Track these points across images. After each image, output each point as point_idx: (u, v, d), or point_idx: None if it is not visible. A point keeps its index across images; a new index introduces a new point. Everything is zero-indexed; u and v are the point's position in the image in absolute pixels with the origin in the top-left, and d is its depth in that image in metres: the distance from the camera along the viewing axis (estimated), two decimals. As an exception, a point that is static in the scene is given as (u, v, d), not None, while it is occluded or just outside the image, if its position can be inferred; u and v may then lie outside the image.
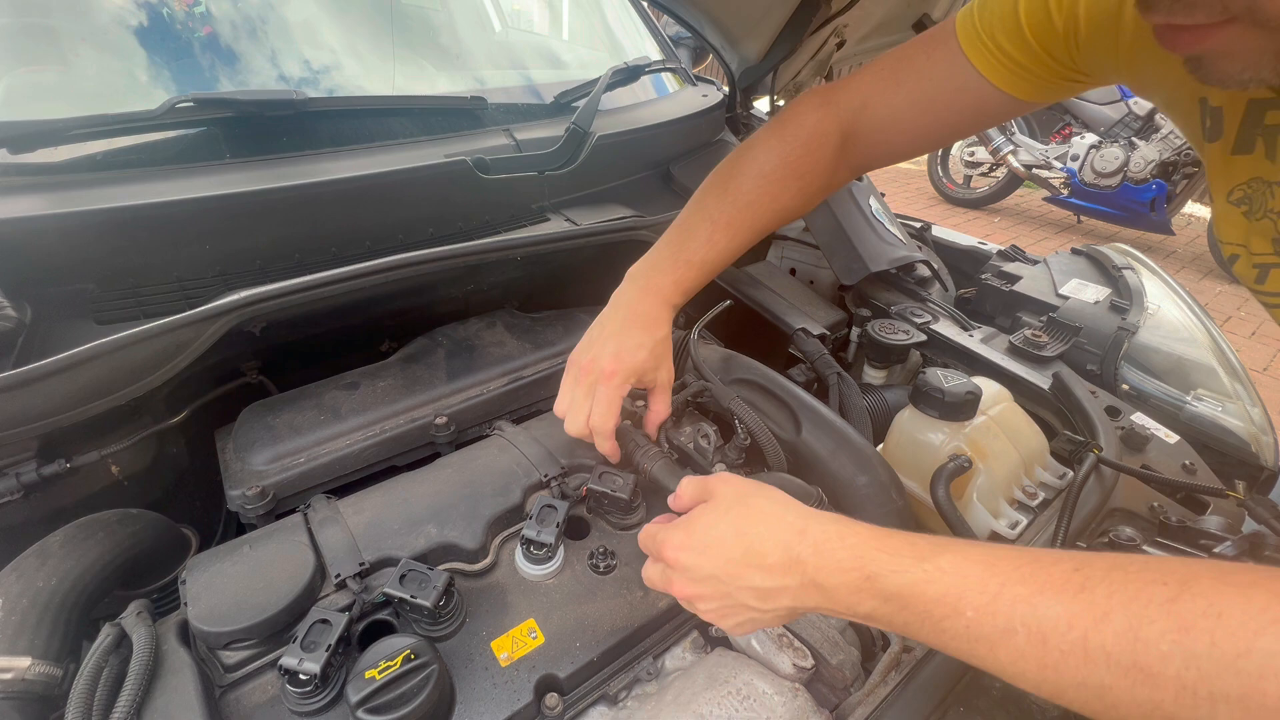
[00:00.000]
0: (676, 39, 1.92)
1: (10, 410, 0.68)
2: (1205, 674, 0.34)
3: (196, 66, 1.12)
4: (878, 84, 0.79)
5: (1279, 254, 0.61)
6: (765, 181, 0.82)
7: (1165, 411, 1.07)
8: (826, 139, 0.81)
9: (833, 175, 0.85)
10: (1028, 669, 0.40)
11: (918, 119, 0.78)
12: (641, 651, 0.67)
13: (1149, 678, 0.35)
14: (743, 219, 0.82)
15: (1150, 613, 0.36)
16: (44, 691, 0.55)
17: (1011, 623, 0.40)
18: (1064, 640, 0.38)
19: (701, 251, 0.82)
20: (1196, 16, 0.41)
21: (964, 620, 0.42)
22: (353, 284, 0.85)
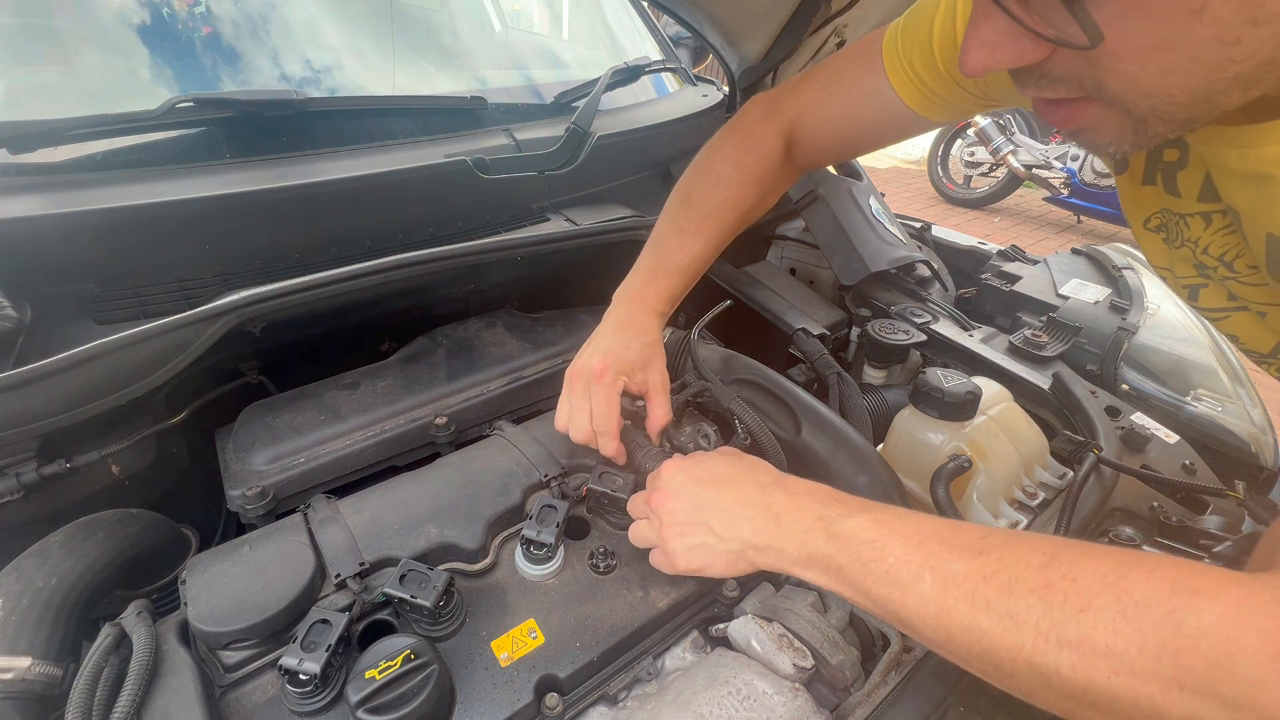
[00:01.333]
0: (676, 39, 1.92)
1: (10, 410, 0.68)
2: (1055, 623, 0.41)
3: (197, 66, 1.12)
4: (811, 95, 0.87)
5: (1202, 276, 0.65)
6: (725, 188, 0.88)
7: (1165, 411, 1.07)
8: (774, 145, 0.89)
9: (782, 176, 0.93)
10: (927, 614, 0.47)
11: (845, 131, 0.86)
12: (641, 651, 0.67)
13: (1016, 624, 0.42)
14: (709, 225, 0.87)
15: (1025, 574, 0.44)
16: (44, 691, 0.55)
17: (922, 571, 0.48)
18: (959, 590, 0.46)
19: (676, 258, 0.87)
20: (1059, 92, 0.46)
21: (886, 564, 0.49)
22: (353, 284, 0.85)
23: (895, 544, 0.50)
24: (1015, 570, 0.44)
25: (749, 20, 1.37)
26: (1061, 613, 0.41)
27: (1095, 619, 0.39)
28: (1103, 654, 0.39)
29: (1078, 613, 0.40)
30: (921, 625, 0.48)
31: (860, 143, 0.89)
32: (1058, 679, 0.41)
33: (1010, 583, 0.44)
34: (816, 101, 0.86)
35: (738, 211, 0.88)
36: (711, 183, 0.89)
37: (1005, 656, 0.43)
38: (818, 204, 1.29)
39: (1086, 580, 0.41)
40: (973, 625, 0.44)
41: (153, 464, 0.88)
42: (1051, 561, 0.43)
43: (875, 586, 0.50)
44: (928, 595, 0.47)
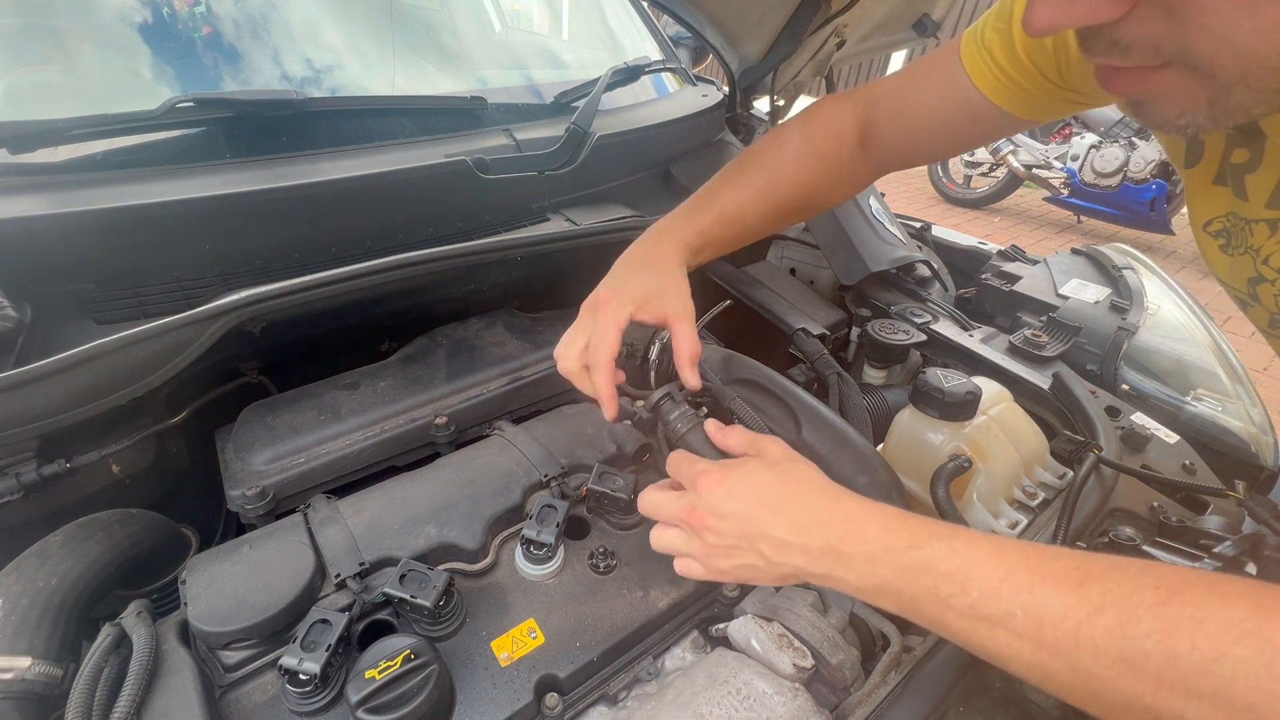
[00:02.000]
0: (676, 39, 1.92)
1: (10, 410, 0.68)
2: (1183, 673, 0.36)
3: (197, 66, 1.12)
4: (890, 85, 0.82)
5: (1252, 293, 0.62)
6: (785, 153, 0.84)
7: (1165, 411, 1.07)
8: (845, 126, 0.84)
9: (852, 163, 0.86)
10: (1023, 652, 0.42)
11: (924, 125, 0.80)
12: (641, 651, 0.67)
13: (1132, 671, 0.38)
14: (759, 179, 0.83)
15: (1140, 613, 0.38)
16: (44, 691, 0.55)
17: (1013, 607, 0.42)
18: (1058, 629, 0.40)
19: (722, 204, 0.82)
20: (1132, 59, 0.41)
21: (969, 599, 0.44)
22: (353, 284, 0.85)
23: (978, 575, 0.45)
24: (1126, 608, 0.39)
25: (749, 20, 1.37)
26: (1189, 661, 0.36)
27: (1233, 670, 0.35)
28: (1242, 710, 0.35)
29: (1210, 662, 0.36)
30: (1015, 664, 0.43)
31: (940, 140, 0.82)
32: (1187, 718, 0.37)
33: (1122, 624, 0.39)
34: (894, 91, 0.82)
35: (796, 181, 0.84)
36: (772, 146, 0.85)
37: (1119, 702, 0.39)
38: (818, 204, 1.29)
39: (1217, 624, 0.36)
40: (1078, 668, 0.40)
41: (153, 464, 0.88)
42: (1170, 599, 0.38)
43: (957, 622, 0.45)
44: (1022, 632, 0.42)
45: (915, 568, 0.48)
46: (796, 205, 0.87)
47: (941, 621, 0.47)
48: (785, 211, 0.86)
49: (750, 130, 1.62)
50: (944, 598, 0.46)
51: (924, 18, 1.45)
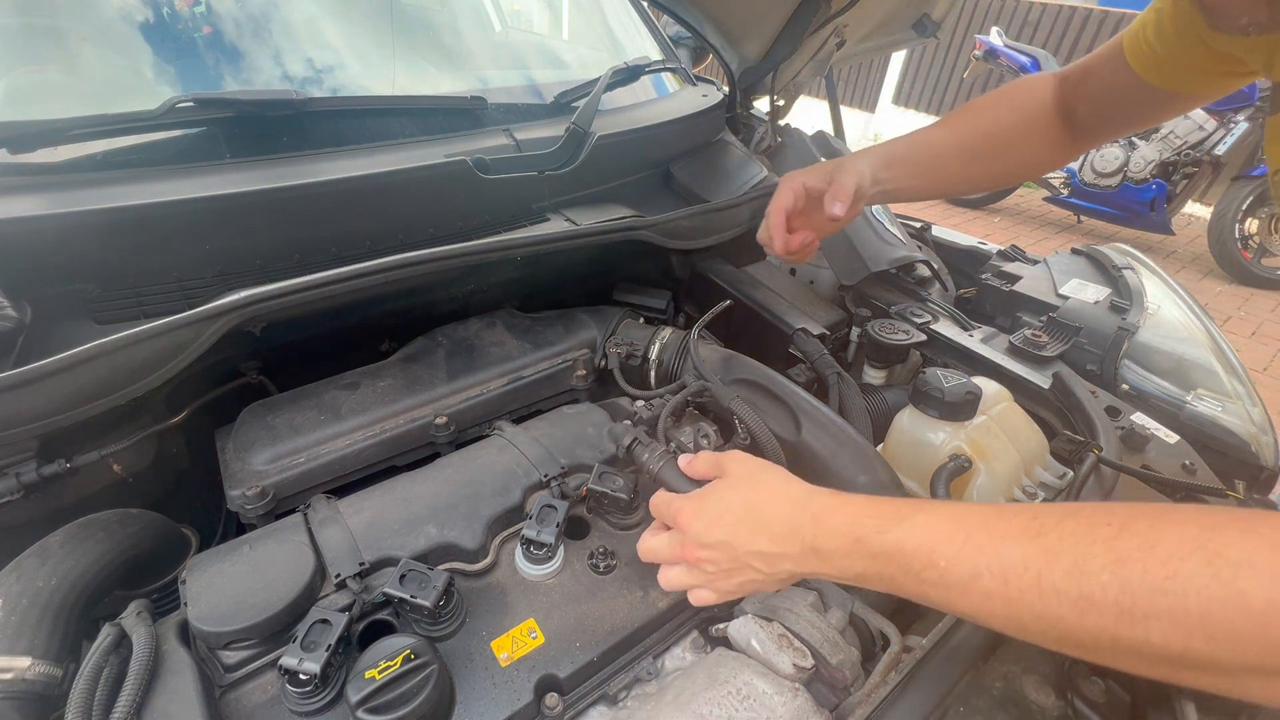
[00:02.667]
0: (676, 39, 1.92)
1: (10, 410, 0.68)
2: (1138, 597, 0.38)
3: (197, 66, 1.12)
4: (1097, 57, 0.86)
5: None
6: (982, 109, 0.90)
7: (1165, 411, 1.07)
8: (1043, 88, 0.89)
9: (1051, 126, 0.90)
10: (994, 608, 0.45)
11: (1111, 106, 0.85)
12: (641, 651, 0.67)
13: (1093, 606, 0.40)
14: (964, 129, 0.90)
15: (1094, 550, 0.41)
16: (44, 691, 0.55)
17: (978, 567, 0.45)
18: (1021, 580, 0.43)
19: (920, 136, 0.91)
20: None
21: (938, 570, 0.47)
22: (353, 284, 0.85)
23: (941, 546, 0.48)
24: (1081, 548, 0.41)
25: (749, 20, 1.37)
26: (1142, 586, 0.38)
27: (1184, 585, 0.37)
28: (1198, 620, 0.37)
29: (1162, 581, 0.38)
30: (991, 620, 0.46)
31: (1128, 114, 0.87)
32: (1149, 649, 0.39)
33: (1079, 563, 0.41)
34: (1101, 66, 0.85)
35: (993, 121, 0.90)
36: (968, 107, 0.92)
37: (1087, 639, 0.41)
38: (818, 204, 1.29)
39: (1166, 547, 0.39)
40: (1044, 614, 0.42)
41: (153, 464, 0.88)
42: (1121, 533, 0.41)
43: (934, 593, 0.48)
44: (990, 592, 0.44)
45: (886, 552, 0.50)
46: (991, 152, 0.91)
47: (921, 594, 0.50)
48: (980, 155, 0.91)
49: (750, 130, 1.62)
50: (916, 572, 0.49)
51: (924, 18, 1.45)
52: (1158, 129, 4.33)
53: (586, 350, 1.08)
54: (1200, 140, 4.21)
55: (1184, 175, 4.32)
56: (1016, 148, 0.92)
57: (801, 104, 1.67)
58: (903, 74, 7.30)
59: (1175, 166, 4.31)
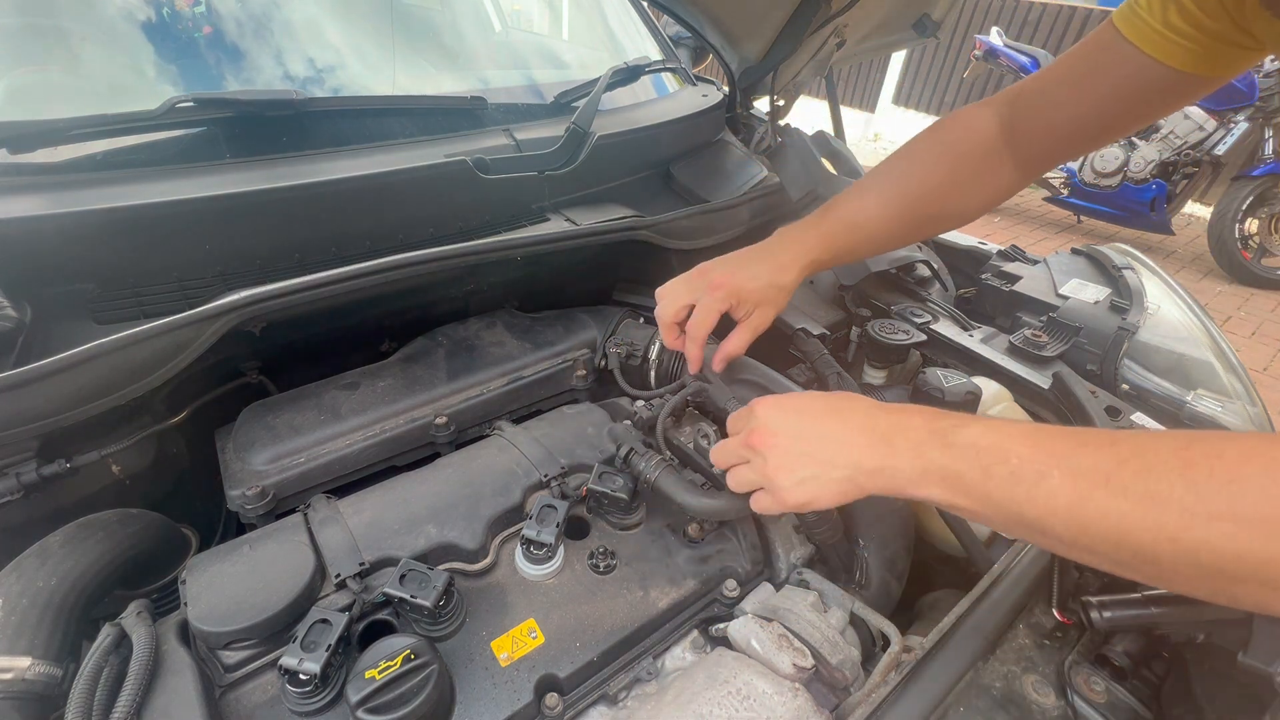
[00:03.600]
0: (676, 39, 1.92)
1: (10, 410, 0.68)
2: (1202, 496, 0.40)
3: (197, 66, 1.12)
4: (1032, 87, 0.80)
5: None
6: (915, 154, 0.83)
7: (1165, 411, 1.07)
8: (982, 123, 0.82)
9: (993, 165, 0.82)
10: (1059, 506, 0.45)
11: (1075, 100, 0.76)
12: (641, 651, 0.67)
13: (1157, 504, 0.41)
14: (892, 186, 0.83)
15: (1164, 455, 0.43)
16: (44, 691, 0.55)
17: (1048, 467, 0.46)
18: (1091, 479, 0.45)
19: (849, 211, 0.83)
20: None
21: (1009, 466, 0.48)
22: (353, 284, 0.85)
23: (1016, 445, 0.49)
24: (1152, 455, 0.43)
25: (749, 20, 1.37)
26: (1207, 486, 0.40)
27: (1245, 487, 0.39)
28: (1254, 521, 0.38)
29: (1226, 484, 0.39)
30: (1052, 522, 0.46)
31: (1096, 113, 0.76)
32: (1207, 553, 0.40)
33: (1148, 466, 0.43)
34: (1038, 91, 0.79)
35: (926, 180, 0.82)
36: (903, 150, 0.85)
37: (1147, 539, 0.42)
38: (818, 204, 1.29)
39: (1234, 454, 0.40)
40: (1109, 511, 0.43)
41: (153, 464, 0.88)
42: (1193, 443, 0.42)
43: (998, 490, 0.49)
44: (1057, 490, 0.45)
45: (960, 444, 0.52)
46: (928, 208, 0.84)
47: (984, 493, 0.50)
48: (917, 216, 0.84)
49: (750, 130, 1.62)
50: (986, 466, 0.49)
51: (924, 18, 1.45)
52: (1158, 129, 4.33)
53: (586, 350, 1.08)
54: (1200, 140, 4.21)
55: (1184, 175, 4.32)
56: (955, 198, 0.85)
57: (801, 104, 1.67)
58: (903, 74, 7.30)
59: (1175, 166, 4.31)
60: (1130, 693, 0.59)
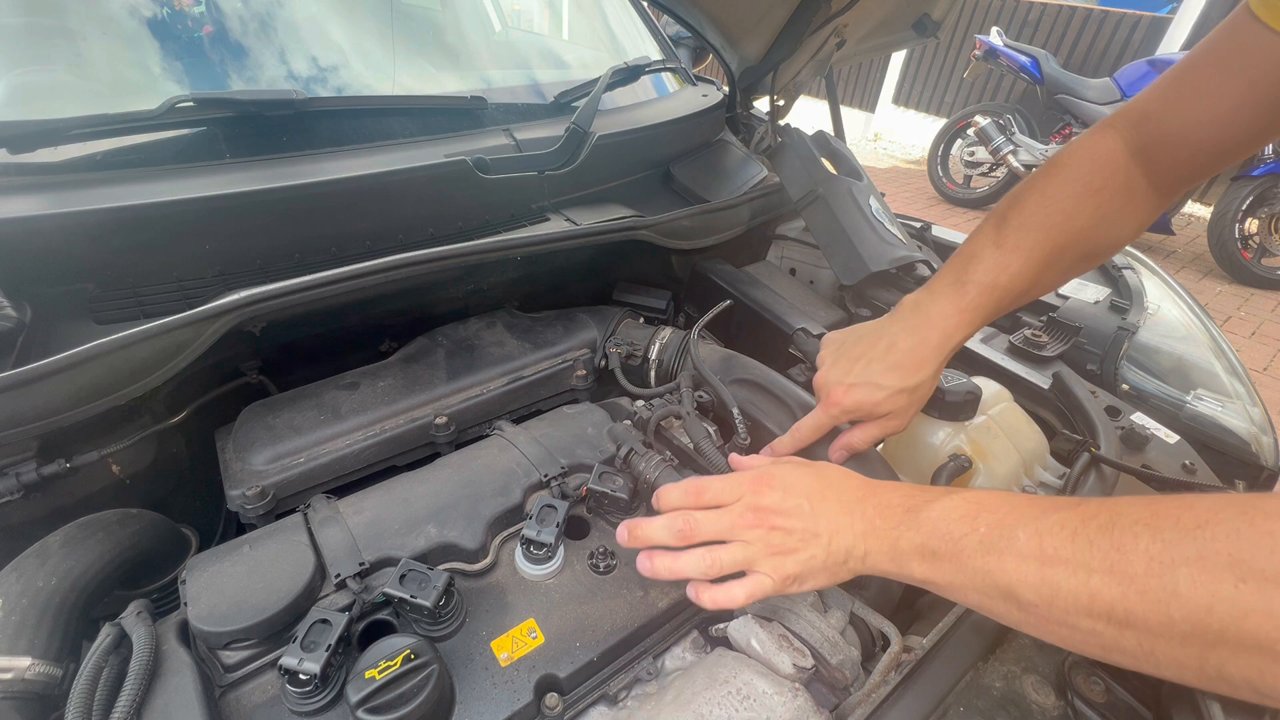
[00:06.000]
0: (676, 39, 1.92)
1: (10, 410, 0.68)
2: (1168, 544, 0.39)
3: (197, 66, 1.12)
4: (1158, 100, 0.70)
5: None
6: (1050, 201, 0.73)
7: (1165, 411, 1.07)
8: (1111, 152, 0.73)
9: (1136, 196, 0.73)
10: (1029, 570, 0.45)
11: (1213, 108, 0.66)
12: (641, 651, 0.67)
13: (1123, 555, 0.41)
14: (1033, 241, 0.73)
15: (1130, 509, 0.42)
16: (44, 691, 0.55)
17: (1016, 531, 0.47)
18: (1058, 536, 0.44)
19: (991, 275, 0.73)
20: None
21: (978, 535, 0.49)
22: (353, 284, 0.85)
23: (985, 514, 0.49)
24: (1118, 508, 0.43)
25: (749, 20, 1.37)
26: (1173, 533, 0.39)
27: (1214, 531, 0.37)
28: (1225, 563, 0.36)
29: (1193, 529, 0.38)
30: (1023, 589, 0.45)
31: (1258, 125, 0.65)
32: (1176, 604, 0.38)
33: (1113, 520, 0.42)
34: (1167, 103, 0.69)
35: (1070, 227, 0.72)
36: (1034, 197, 0.74)
37: (1116, 595, 0.40)
38: (818, 204, 1.29)
39: (1204, 504, 0.39)
40: (1076, 566, 0.42)
41: (153, 464, 0.88)
42: (1162, 499, 0.42)
43: (971, 560, 0.48)
44: (1024, 550, 0.45)
45: (932, 519, 0.52)
46: (1078, 255, 0.76)
47: (960, 565, 0.49)
48: (1066, 263, 0.76)
49: (750, 130, 1.62)
50: (957, 538, 0.50)
51: (924, 18, 1.45)
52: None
53: (586, 350, 1.08)
54: (1200, 140, 4.21)
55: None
56: (1105, 240, 0.76)
57: (801, 104, 1.67)
58: (903, 74, 7.30)
59: (1175, 166, 4.31)
60: (1130, 692, 0.59)
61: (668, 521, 0.60)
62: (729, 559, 0.58)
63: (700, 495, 0.61)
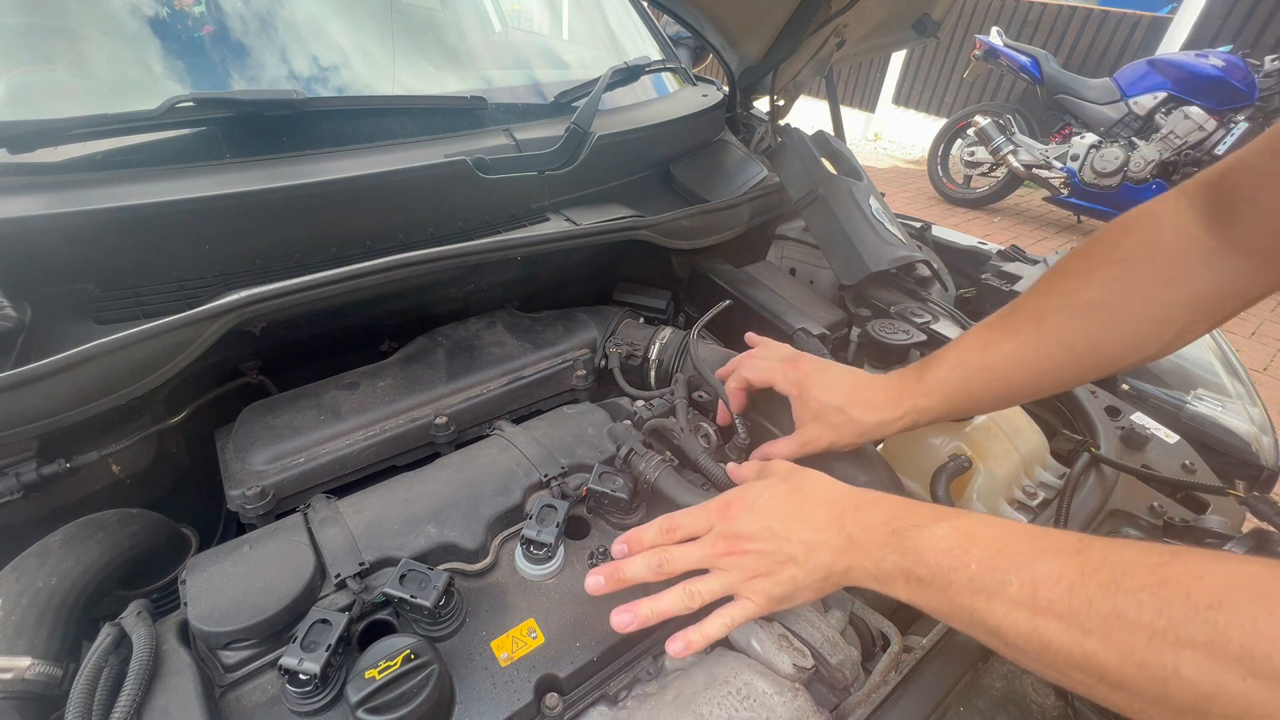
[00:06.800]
0: (676, 39, 1.92)
1: (10, 410, 0.68)
2: (1174, 621, 0.36)
3: (197, 66, 1.12)
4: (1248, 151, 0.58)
5: None
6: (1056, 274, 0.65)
7: (1165, 411, 1.07)
8: (1159, 215, 0.62)
9: (1212, 274, 0.59)
10: (1019, 621, 0.43)
11: None
12: (641, 651, 0.67)
13: (1124, 624, 0.37)
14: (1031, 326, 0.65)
15: (1136, 570, 0.39)
16: (44, 691, 0.55)
17: (1008, 575, 0.44)
18: (1053, 590, 0.41)
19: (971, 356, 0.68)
20: None
21: (968, 572, 0.46)
22: (353, 284, 0.85)
23: (977, 549, 0.47)
24: (1123, 566, 0.39)
25: (749, 20, 1.37)
26: (1182, 610, 0.36)
27: (1229, 616, 0.34)
28: (1236, 655, 0.33)
29: (1205, 609, 0.35)
30: (1014, 635, 0.43)
31: None
32: (1177, 683, 0.35)
33: (1116, 578, 0.39)
34: (1268, 144, 0.56)
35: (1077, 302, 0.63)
36: (1060, 274, 0.65)
37: (1112, 662, 0.38)
38: (817, 204, 1.29)
39: (1219, 577, 0.36)
40: (1071, 627, 0.40)
41: (153, 464, 0.88)
42: (1172, 560, 0.38)
43: (959, 596, 0.46)
44: (1017, 599, 0.42)
45: (920, 547, 0.50)
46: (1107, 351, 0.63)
47: (945, 599, 0.48)
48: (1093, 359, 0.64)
49: (750, 130, 1.62)
50: (946, 572, 0.47)
51: (924, 18, 1.45)
52: (1158, 129, 4.33)
53: (586, 350, 1.08)
54: (1200, 140, 4.21)
55: (1184, 175, 4.31)
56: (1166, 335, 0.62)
57: (801, 104, 1.67)
58: (903, 74, 7.30)
59: (1175, 166, 4.31)
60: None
61: (645, 559, 0.60)
62: (708, 590, 0.58)
63: (673, 532, 0.62)
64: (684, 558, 0.60)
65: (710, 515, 0.61)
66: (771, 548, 0.57)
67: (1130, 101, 4.42)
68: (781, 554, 0.57)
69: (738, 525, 0.59)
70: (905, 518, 0.52)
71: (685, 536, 0.61)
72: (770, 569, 0.57)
